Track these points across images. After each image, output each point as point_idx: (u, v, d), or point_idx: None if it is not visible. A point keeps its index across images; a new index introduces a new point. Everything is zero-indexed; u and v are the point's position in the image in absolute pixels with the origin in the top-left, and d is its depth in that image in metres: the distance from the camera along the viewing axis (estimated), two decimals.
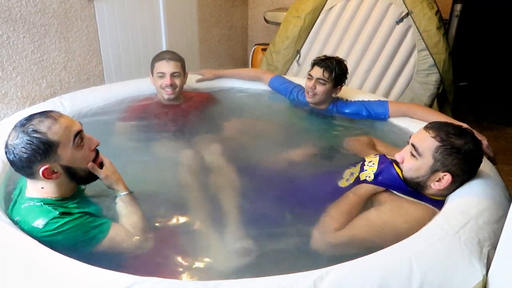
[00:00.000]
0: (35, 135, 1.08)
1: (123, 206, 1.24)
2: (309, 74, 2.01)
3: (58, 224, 1.09)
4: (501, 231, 1.02)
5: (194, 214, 1.37)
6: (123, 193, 1.26)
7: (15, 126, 1.12)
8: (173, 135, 1.95)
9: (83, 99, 2.04)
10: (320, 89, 1.99)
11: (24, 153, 1.07)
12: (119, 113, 2.09)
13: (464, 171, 1.23)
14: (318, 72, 1.98)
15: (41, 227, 1.09)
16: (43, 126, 1.10)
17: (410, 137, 1.30)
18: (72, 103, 1.97)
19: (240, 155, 1.78)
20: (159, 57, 2.05)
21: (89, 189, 1.31)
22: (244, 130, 2.01)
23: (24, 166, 1.09)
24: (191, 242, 1.27)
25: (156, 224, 1.31)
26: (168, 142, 1.87)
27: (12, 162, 1.11)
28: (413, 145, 1.26)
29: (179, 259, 1.19)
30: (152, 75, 2.07)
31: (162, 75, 2.01)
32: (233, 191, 1.44)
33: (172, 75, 2.01)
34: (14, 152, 1.08)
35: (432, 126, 1.26)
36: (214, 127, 2.04)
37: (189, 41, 3.30)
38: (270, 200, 1.43)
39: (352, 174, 1.46)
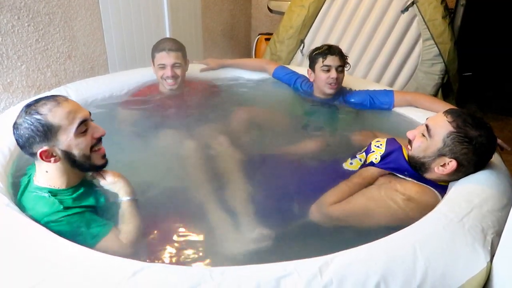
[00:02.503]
0: (35, 116, 1.10)
1: (122, 213, 1.23)
2: (325, 65, 1.95)
3: (60, 216, 1.12)
4: (505, 219, 1.02)
5: (204, 204, 1.36)
6: (124, 199, 1.24)
7: (23, 107, 1.15)
8: (176, 125, 1.95)
9: (88, 88, 2.04)
10: (340, 76, 1.99)
11: (25, 133, 1.10)
12: (120, 103, 2.09)
13: (470, 162, 1.23)
14: (335, 60, 1.95)
15: (44, 219, 1.11)
16: (45, 108, 1.11)
17: (427, 119, 1.31)
18: (77, 93, 1.97)
19: (246, 145, 1.78)
20: (159, 47, 2.02)
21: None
22: (248, 120, 2.00)
23: (25, 145, 1.12)
24: (201, 231, 1.28)
25: (164, 215, 1.31)
26: (171, 132, 1.87)
27: (16, 141, 1.14)
28: (426, 126, 1.27)
29: (189, 247, 1.20)
30: (154, 65, 2.06)
31: (163, 67, 1.99)
32: (240, 180, 1.45)
33: (173, 66, 1.99)
34: (17, 132, 1.12)
35: (451, 112, 1.26)
36: (217, 117, 2.03)
37: (193, 30, 3.28)
38: (280, 188, 1.44)
39: (355, 157, 1.47)
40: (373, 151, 1.41)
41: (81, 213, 1.15)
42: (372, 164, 1.38)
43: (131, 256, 1.10)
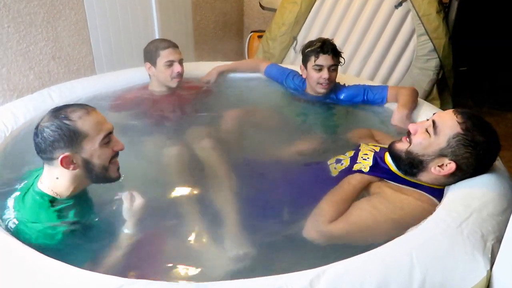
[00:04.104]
0: (65, 121, 1.10)
1: (118, 243, 1.19)
2: (317, 65, 1.89)
3: (55, 231, 1.10)
4: (505, 224, 0.97)
5: (187, 215, 1.30)
6: (125, 231, 1.21)
7: (49, 111, 1.15)
8: (164, 128, 1.89)
9: (73, 90, 1.98)
10: (333, 75, 1.93)
11: (50, 136, 1.10)
12: (109, 105, 2.03)
13: (469, 167, 1.18)
14: (328, 60, 1.88)
15: (37, 230, 1.10)
16: (75, 115, 1.12)
17: (433, 114, 1.25)
18: (61, 95, 1.91)
19: (234, 148, 1.72)
20: (161, 45, 1.98)
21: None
22: (239, 121, 1.94)
23: (47, 149, 1.11)
24: (185, 247, 1.22)
25: (147, 227, 1.25)
26: (157, 136, 1.80)
27: (36, 144, 1.13)
28: (433, 122, 1.20)
29: (172, 265, 1.14)
30: (154, 65, 1.99)
31: (170, 64, 1.97)
32: (225, 189, 1.37)
33: (180, 62, 1.99)
34: (42, 134, 1.11)
35: (462, 112, 1.20)
36: (207, 119, 1.98)
37: (183, 29, 3.21)
38: (267, 197, 1.37)
39: (340, 161, 1.42)
40: (359, 162, 1.36)
41: (74, 230, 1.13)
42: (360, 172, 1.32)
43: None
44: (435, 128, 1.19)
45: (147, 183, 1.44)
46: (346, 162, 1.39)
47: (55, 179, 1.14)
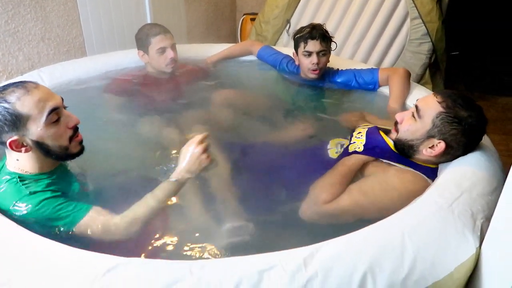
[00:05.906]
0: (3, 104, 1.04)
1: (151, 193, 1.15)
2: (306, 51, 1.90)
3: (28, 203, 1.06)
4: (495, 203, 0.99)
5: (183, 193, 1.29)
6: (169, 179, 1.15)
7: None
8: (159, 111, 1.88)
9: (63, 72, 1.96)
10: (323, 60, 1.93)
11: None
12: (104, 85, 2.00)
13: (459, 144, 1.20)
14: (316, 45, 1.88)
15: (11, 207, 1.07)
16: (13, 96, 1.05)
17: (417, 100, 1.28)
18: (52, 77, 1.88)
19: (230, 131, 1.72)
20: (152, 32, 1.95)
21: (77, 164, 1.25)
22: (234, 104, 1.93)
23: None
24: (182, 223, 1.22)
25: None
26: (151, 119, 1.79)
27: None
28: (416, 106, 1.24)
29: (170, 241, 1.14)
30: (147, 53, 1.97)
31: (163, 50, 1.95)
32: (223, 170, 1.38)
33: (172, 47, 1.96)
34: None
35: (441, 92, 1.23)
36: (203, 102, 1.96)
37: (175, 10, 3.16)
38: (263, 177, 1.38)
39: (341, 144, 1.43)
40: (354, 142, 1.37)
41: (51, 197, 1.09)
42: (356, 153, 1.33)
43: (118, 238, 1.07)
44: (418, 112, 1.22)
45: (143, 162, 1.44)
46: (346, 144, 1.40)
47: (16, 161, 1.11)
